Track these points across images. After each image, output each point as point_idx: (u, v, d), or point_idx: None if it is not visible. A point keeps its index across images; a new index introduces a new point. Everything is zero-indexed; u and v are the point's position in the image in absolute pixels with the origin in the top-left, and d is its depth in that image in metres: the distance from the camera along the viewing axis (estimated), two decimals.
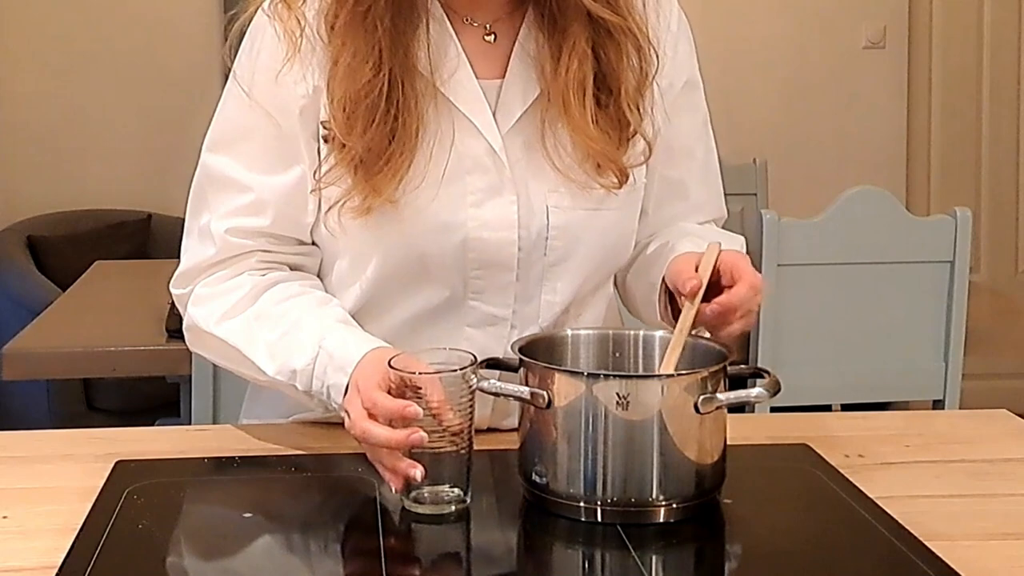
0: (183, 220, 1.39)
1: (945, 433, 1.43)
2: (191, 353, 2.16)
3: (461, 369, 1.12)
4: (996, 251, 4.68)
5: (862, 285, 2.51)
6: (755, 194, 3.70)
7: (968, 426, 1.46)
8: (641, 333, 1.27)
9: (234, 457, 1.29)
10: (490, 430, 1.34)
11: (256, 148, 1.31)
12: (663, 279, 1.29)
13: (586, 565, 1.12)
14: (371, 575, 1.03)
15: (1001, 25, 4.67)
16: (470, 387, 1.12)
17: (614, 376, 1.14)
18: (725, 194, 1.49)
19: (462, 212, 1.29)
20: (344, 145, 1.25)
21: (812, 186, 4.10)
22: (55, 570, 1.01)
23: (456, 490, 1.13)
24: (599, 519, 1.11)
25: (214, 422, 2.07)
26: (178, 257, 1.39)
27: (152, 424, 2.50)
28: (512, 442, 1.20)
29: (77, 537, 1.08)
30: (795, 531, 1.16)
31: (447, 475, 1.13)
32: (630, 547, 1.07)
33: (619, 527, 1.10)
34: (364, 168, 1.25)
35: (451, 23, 1.30)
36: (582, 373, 1.15)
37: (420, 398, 1.11)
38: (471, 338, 1.32)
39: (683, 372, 1.16)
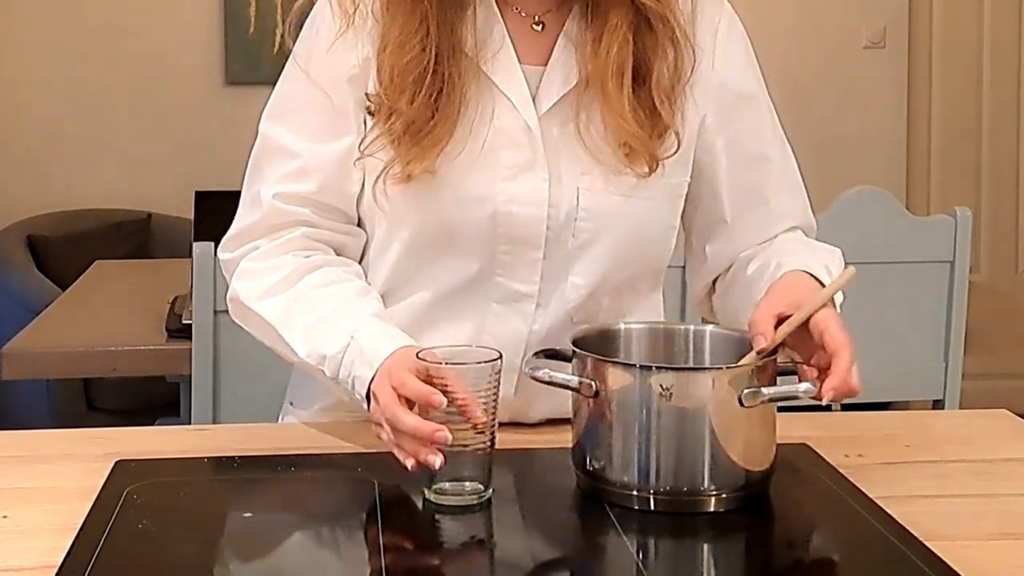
0: (183, 220, 1.40)
1: (945, 433, 1.43)
2: (191, 353, 2.17)
3: (487, 362, 1.14)
4: (996, 251, 4.69)
5: (862, 285, 2.50)
6: None
7: (968, 426, 1.46)
8: (691, 328, 1.29)
9: (234, 457, 1.29)
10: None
11: (309, 118, 1.36)
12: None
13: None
14: (371, 575, 1.03)
15: (1001, 25, 4.67)
16: (494, 383, 1.14)
17: (664, 368, 1.15)
18: None
19: (494, 185, 1.32)
20: (391, 115, 1.31)
21: (812, 186, 4.09)
22: (55, 570, 1.01)
23: (477, 484, 1.15)
24: (652, 508, 1.14)
25: (214, 422, 2.07)
26: (178, 256, 1.40)
27: (152, 424, 2.50)
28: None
29: (77, 537, 1.07)
30: (794, 531, 1.16)
31: (468, 469, 1.14)
32: (621, 534, 1.07)
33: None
34: (408, 137, 1.30)
35: (500, 10, 1.35)
36: (634, 365, 1.17)
37: (447, 392, 1.13)
38: (497, 314, 1.35)
39: (730, 365, 1.18)
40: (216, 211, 2.80)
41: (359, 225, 1.41)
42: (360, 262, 1.41)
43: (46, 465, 1.29)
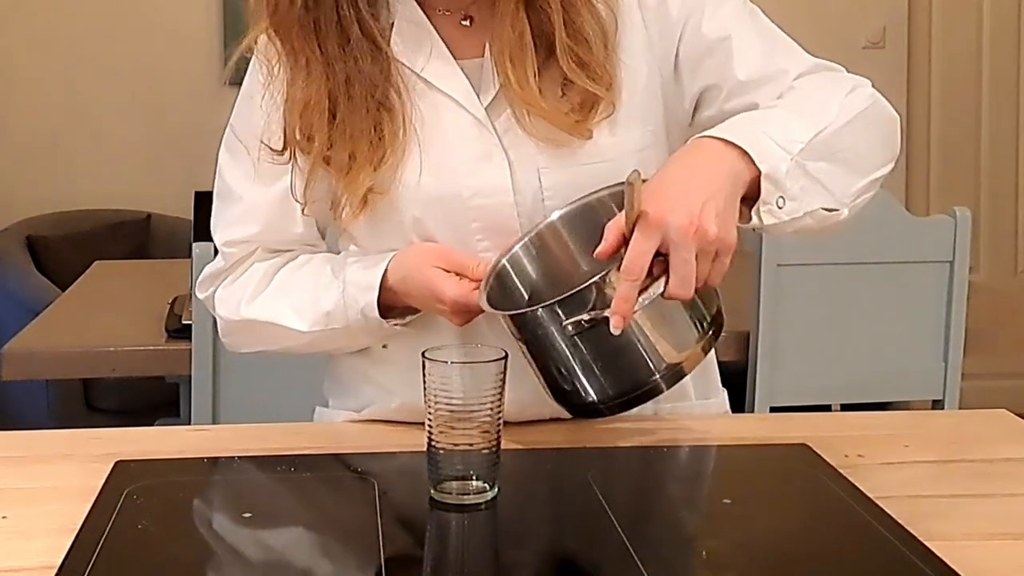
0: (182, 220, 1.42)
1: (945, 433, 1.43)
2: (191, 353, 2.17)
3: (493, 361, 1.14)
4: (996, 251, 4.68)
5: (862, 285, 2.51)
6: None
7: (968, 426, 1.46)
8: (544, 223, 1.32)
9: (234, 457, 1.29)
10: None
11: (246, 163, 1.39)
12: None
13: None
14: (371, 575, 1.03)
15: (1001, 25, 4.67)
16: (500, 382, 1.14)
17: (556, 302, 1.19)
18: None
19: (456, 183, 1.32)
20: (324, 145, 1.30)
21: None
22: (55, 570, 1.01)
23: (482, 483, 1.15)
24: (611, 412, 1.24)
25: (214, 422, 2.07)
26: (177, 257, 1.42)
27: (152, 424, 2.50)
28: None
29: (76, 537, 1.07)
30: (794, 531, 1.16)
31: (474, 469, 1.14)
32: (622, 533, 1.07)
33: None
34: (348, 165, 1.30)
35: (426, 14, 1.34)
36: (534, 310, 1.21)
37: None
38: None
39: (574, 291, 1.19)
40: None
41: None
42: None
43: (45, 465, 1.29)
